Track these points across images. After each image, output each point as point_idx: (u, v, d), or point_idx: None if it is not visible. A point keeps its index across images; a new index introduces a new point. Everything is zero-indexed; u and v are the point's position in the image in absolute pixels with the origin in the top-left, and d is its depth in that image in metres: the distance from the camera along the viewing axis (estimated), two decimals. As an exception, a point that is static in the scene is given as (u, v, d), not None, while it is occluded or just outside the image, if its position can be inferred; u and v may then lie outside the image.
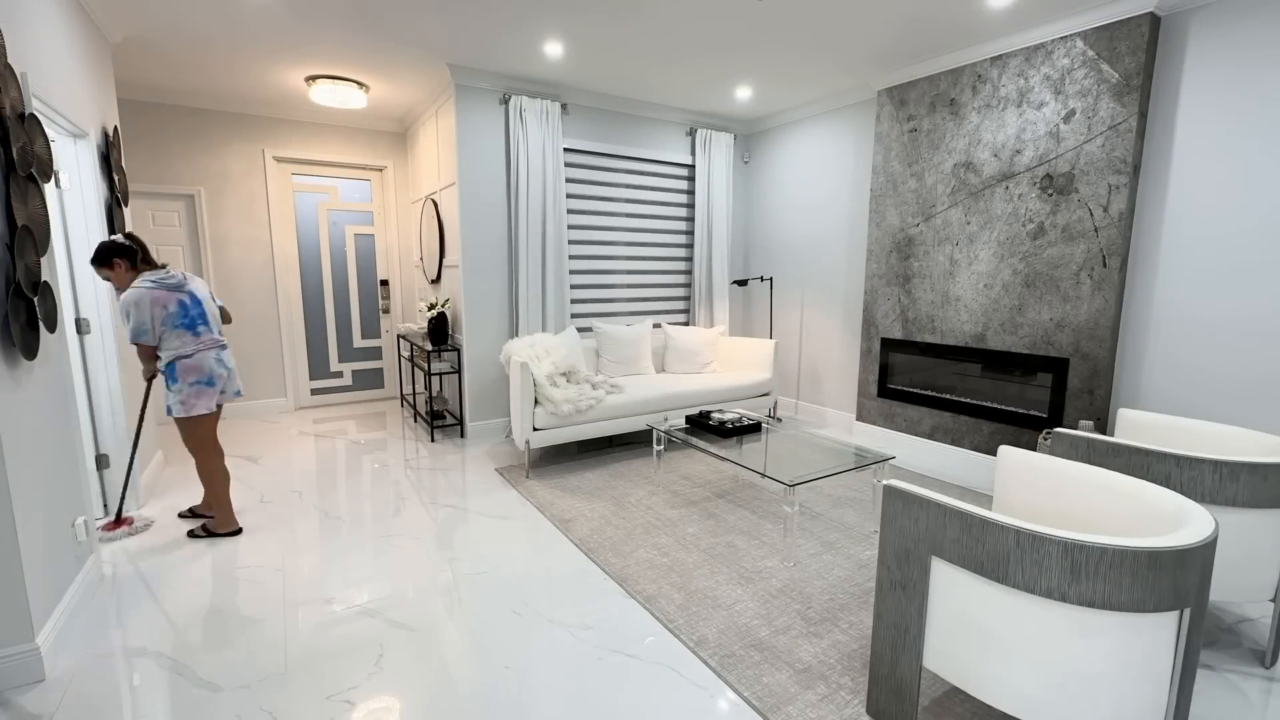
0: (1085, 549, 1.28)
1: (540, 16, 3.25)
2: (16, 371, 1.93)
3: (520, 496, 3.44)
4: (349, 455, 4.21)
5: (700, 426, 3.56)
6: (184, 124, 4.72)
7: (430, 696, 1.86)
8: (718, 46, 3.67)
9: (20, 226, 1.92)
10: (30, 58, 2.21)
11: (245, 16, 3.24)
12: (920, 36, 3.49)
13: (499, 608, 2.34)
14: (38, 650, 1.90)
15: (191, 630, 2.19)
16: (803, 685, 1.90)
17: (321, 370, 5.60)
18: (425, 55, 3.83)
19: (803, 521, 3.09)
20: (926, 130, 3.92)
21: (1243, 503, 1.87)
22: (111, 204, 3.16)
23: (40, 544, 2.00)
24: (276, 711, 1.79)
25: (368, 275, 5.73)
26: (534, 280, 4.46)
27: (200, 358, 2.76)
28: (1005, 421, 3.63)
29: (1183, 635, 1.33)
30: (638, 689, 1.90)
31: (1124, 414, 2.60)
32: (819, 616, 2.27)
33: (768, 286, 5.56)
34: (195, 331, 2.75)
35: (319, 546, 2.83)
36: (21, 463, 1.91)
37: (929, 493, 1.56)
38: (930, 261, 3.96)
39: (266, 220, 5.11)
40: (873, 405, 4.41)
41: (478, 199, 4.31)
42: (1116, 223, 3.11)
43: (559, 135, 4.43)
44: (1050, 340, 3.40)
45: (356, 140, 5.40)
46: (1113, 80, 3.07)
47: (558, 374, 3.86)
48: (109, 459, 3.07)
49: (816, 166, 4.97)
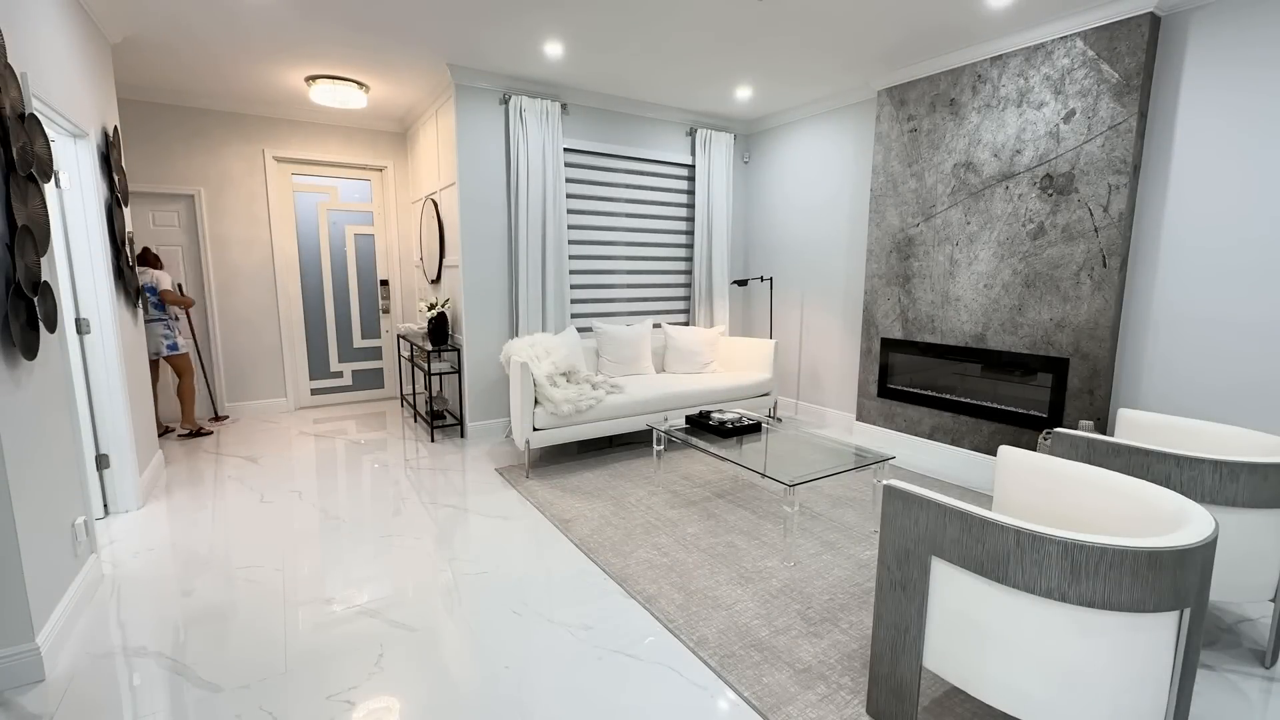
0: (1085, 549, 1.28)
1: (540, 16, 3.25)
2: (16, 371, 1.93)
3: (520, 496, 3.44)
4: (349, 455, 4.21)
5: (700, 426, 3.56)
6: (184, 124, 4.72)
7: (430, 696, 1.86)
8: (717, 47, 3.67)
9: (20, 226, 1.92)
10: (30, 58, 2.21)
11: (245, 17, 3.24)
12: (920, 36, 3.49)
13: (499, 608, 2.34)
14: (38, 650, 1.90)
15: (191, 630, 2.19)
16: (803, 685, 1.90)
17: (321, 370, 5.60)
18: (425, 55, 3.83)
19: (803, 521, 3.10)
20: (926, 130, 3.92)
21: (1243, 503, 1.87)
22: (111, 204, 3.16)
23: (40, 544, 2.00)
24: (276, 711, 1.79)
25: (368, 275, 5.73)
26: (534, 280, 4.46)
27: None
28: (1005, 421, 3.63)
29: (1183, 635, 1.33)
30: (638, 689, 1.90)
31: (1124, 414, 2.59)
32: (819, 616, 2.27)
33: (768, 286, 5.56)
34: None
35: (319, 546, 2.83)
36: (21, 463, 1.91)
37: (929, 493, 1.56)
38: (930, 261, 3.96)
39: (266, 220, 5.11)
40: (873, 405, 4.41)
41: (478, 199, 4.31)
42: (1116, 223, 3.11)
43: (559, 135, 4.43)
44: (1050, 340, 3.40)
45: (356, 140, 5.40)
46: (1113, 80, 3.07)
47: (558, 374, 3.86)
48: (109, 459, 3.07)
49: (816, 166, 4.97)
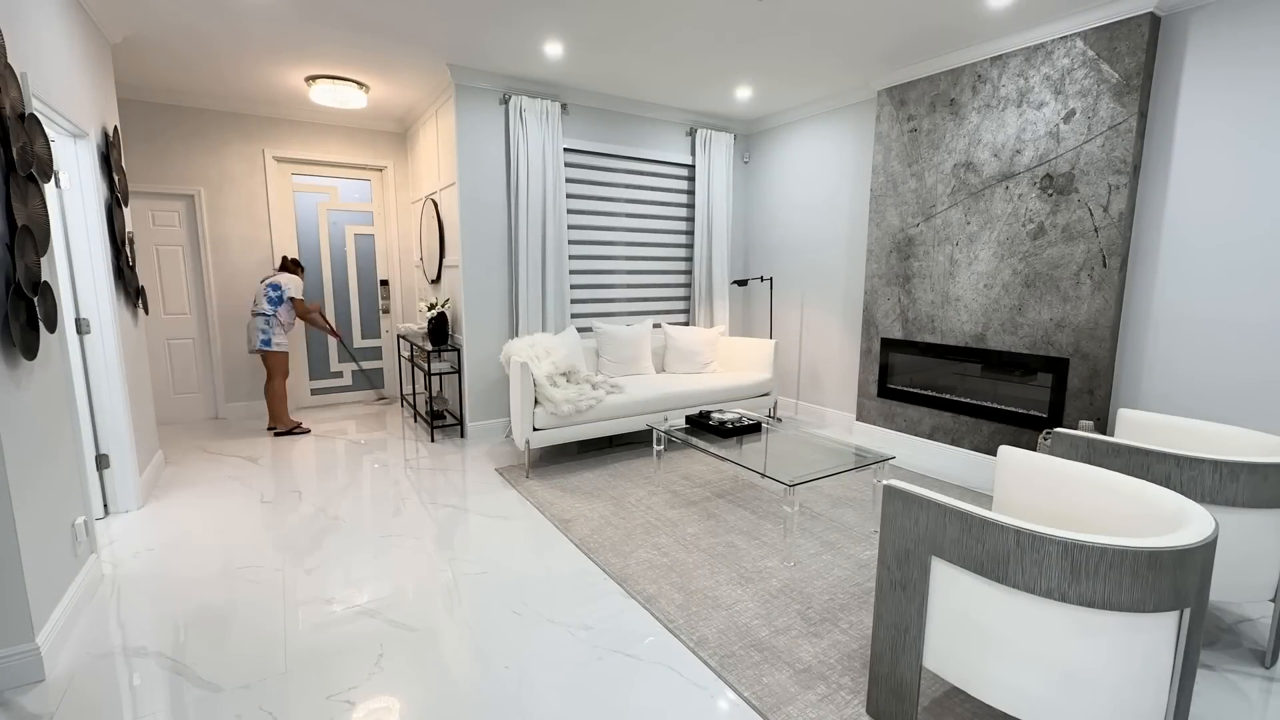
0: (1085, 549, 1.28)
1: (541, 16, 3.25)
2: (16, 371, 1.93)
3: (520, 496, 3.44)
4: (349, 455, 4.21)
5: (700, 426, 3.56)
6: (184, 124, 4.72)
7: (430, 696, 1.86)
8: (717, 46, 3.67)
9: (20, 226, 1.92)
10: (30, 58, 2.21)
11: (245, 17, 3.24)
12: (920, 36, 3.49)
13: (499, 607, 2.34)
14: (38, 650, 1.90)
15: (191, 630, 2.19)
16: (803, 685, 1.90)
17: (321, 370, 5.60)
18: (425, 55, 3.83)
19: (803, 521, 3.09)
20: (926, 130, 3.92)
21: (1243, 503, 1.87)
22: (111, 204, 3.16)
23: (40, 544, 2.00)
24: (276, 711, 1.79)
25: (368, 275, 5.73)
26: (534, 280, 4.46)
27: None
28: (1005, 421, 3.63)
29: (1183, 635, 1.33)
30: (638, 689, 1.90)
31: (1124, 414, 2.59)
32: (819, 616, 2.27)
33: (768, 286, 5.56)
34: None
35: (319, 546, 2.83)
36: (21, 463, 1.91)
37: (929, 493, 1.56)
38: (930, 261, 3.96)
39: (266, 220, 5.11)
40: (873, 405, 4.41)
41: (478, 199, 4.31)
42: (1116, 223, 3.11)
43: (559, 135, 4.43)
44: (1050, 340, 3.40)
45: (356, 140, 5.40)
46: (1113, 80, 3.07)
47: (558, 374, 3.86)
48: (109, 459, 3.07)
49: (816, 166, 4.97)
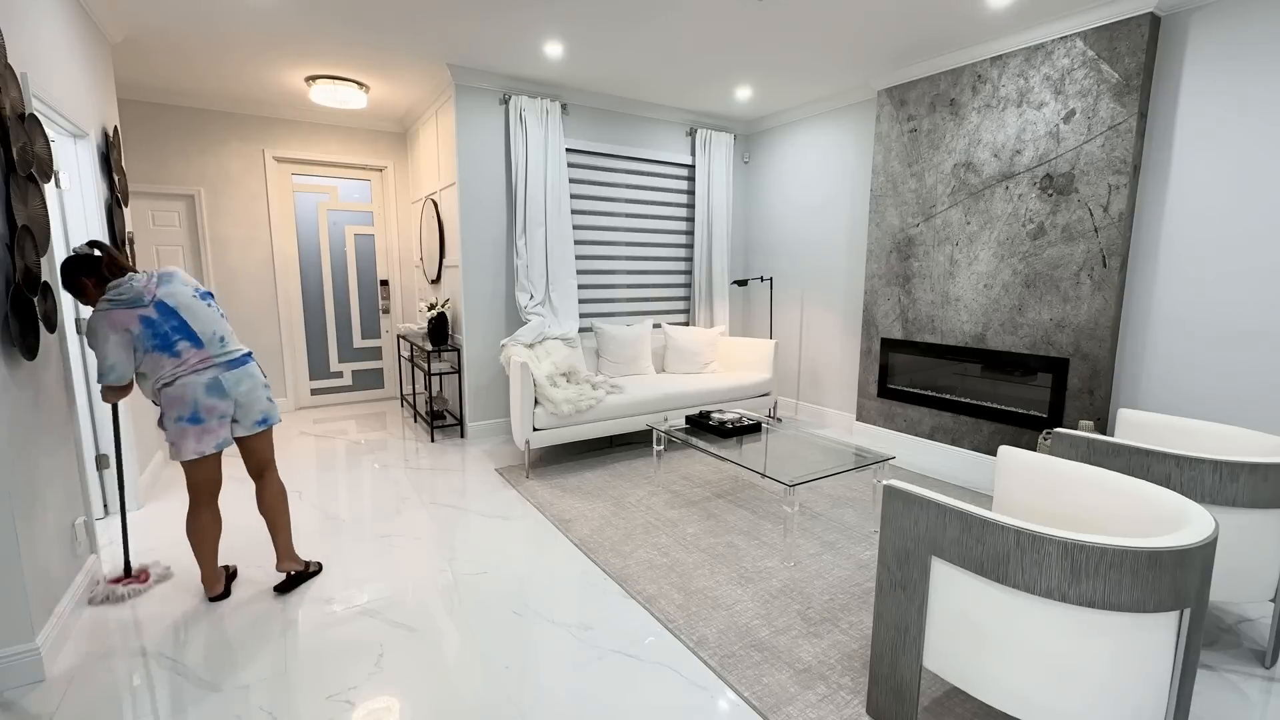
0: (1085, 549, 1.28)
1: (541, 15, 3.25)
2: (16, 372, 1.93)
3: (520, 496, 3.44)
4: (349, 455, 4.21)
5: (700, 427, 3.56)
6: (184, 124, 4.72)
7: (430, 697, 1.86)
8: (718, 47, 3.67)
9: (20, 226, 1.92)
10: (30, 58, 2.21)
11: (245, 17, 3.24)
12: (920, 37, 3.49)
13: (499, 608, 2.34)
14: (38, 650, 1.90)
15: (191, 630, 2.19)
16: (803, 685, 1.90)
17: (321, 370, 5.60)
18: (425, 55, 3.83)
19: (803, 521, 3.09)
20: (926, 130, 3.92)
21: (1243, 503, 1.87)
22: (111, 204, 3.16)
23: (40, 544, 2.00)
24: (276, 711, 1.79)
25: (368, 275, 5.73)
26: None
27: (181, 385, 2.12)
28: (1005, 422, 3.63)
29: (1183, 635, 1.33)
30: (638, 689, 1.89)
31: (1124, 414, 2.59)
32: (819, 616, 2.27)
33: (768, 286, 5.56)
34: (172, 351, 2.11)
35: (319, 546, 2.83)
36: (21, 463, 1.91)
37: (929, 493, 1.56)
38: (930, 261, 3.96)
39: (266, 220, 5.11)
40: (873, 405, 4.41)
41: (478, 199, 4.31)
42: (1116, 223, 3.11)
43: (559, 135, 4.43)
44: (1050, 340, 3.40)
45: (356, 140, 5.40)
46: (1113, 80, 3.07)
47: (558, 374, 3.86)
48: (109, 459, 3.07)
49: (816, 166, 4.97)
